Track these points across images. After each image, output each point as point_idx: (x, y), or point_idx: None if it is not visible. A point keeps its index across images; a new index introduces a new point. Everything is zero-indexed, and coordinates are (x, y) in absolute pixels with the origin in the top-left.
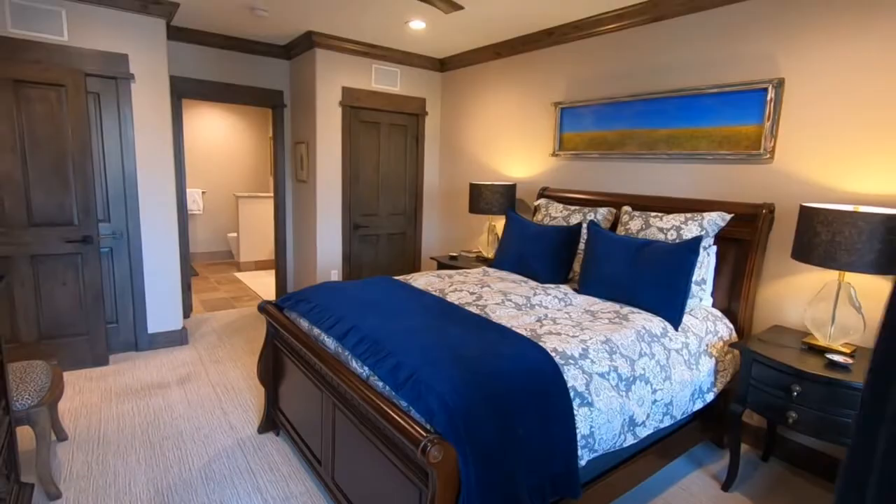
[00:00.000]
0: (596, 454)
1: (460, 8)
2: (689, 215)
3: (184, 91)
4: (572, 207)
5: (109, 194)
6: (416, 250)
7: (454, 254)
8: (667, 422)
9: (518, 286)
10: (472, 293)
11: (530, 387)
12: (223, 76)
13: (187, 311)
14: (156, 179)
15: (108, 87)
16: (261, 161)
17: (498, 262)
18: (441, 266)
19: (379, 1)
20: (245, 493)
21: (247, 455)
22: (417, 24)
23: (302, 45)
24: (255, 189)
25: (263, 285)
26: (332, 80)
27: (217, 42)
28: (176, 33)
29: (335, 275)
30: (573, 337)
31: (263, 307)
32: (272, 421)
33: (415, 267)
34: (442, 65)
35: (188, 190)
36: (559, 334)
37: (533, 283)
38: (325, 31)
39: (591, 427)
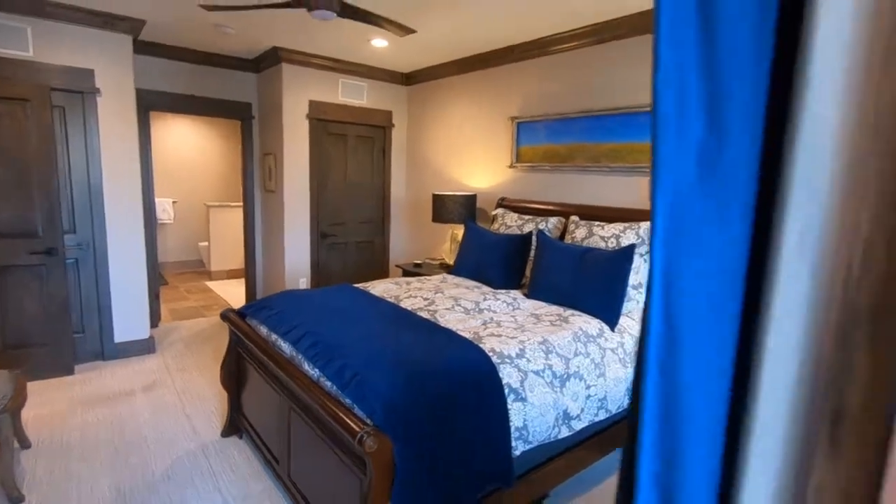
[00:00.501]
0: (531, 445)
1: (413, 31)
2: (627, 224)
3: (152, 104)
4: (526, 217)
5: (75, 206)
6: (384, 258)
7: (419, 261)
8: (602, 416)
9: (470, 292)
10: (425, 299)
11: (467, 384)
12: (191, 89)
13: (155, 320)
14: (122, 191)
15: (73, 101)
16: (232, 170)
17: (456, 270)
18: (406, 273)
19: (338, 23)
20: (206, 492)
21: (209, 458)
22: (379, 43)
23: (269, 60)
24: (227, 198)
25: (234, 294)
26: (299, 93)
27: (185, 56)
28: (143, 47)
29: (304, 283)
30: (512, 338)
31: (226, 315)
32: (235, 425)
33: (383, 274)
34: (407, 79)
35: (158, 199)
36: (500, 336)
37: (486, 289)
38: (291, 47)
39: (525, 420)
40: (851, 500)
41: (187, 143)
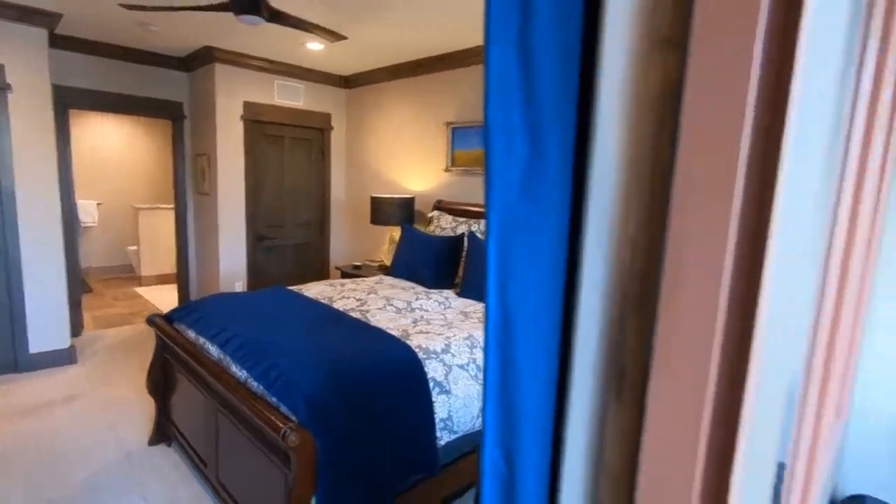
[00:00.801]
0: (456, 435)
1: (343, 38)
2: None
3: (72, 101)
4: (460, 219)
5: None
6: (323, 260)
7: (358, 263)
8: None
9: (404, 292)
10: (358, 300)
11: (392, 379)
12: (117, 86)
13: (77, 328)
14: (37, 192)
15: None
16: (162, 171)
17: (393, 271)
18: (345, 275)
19: (269, 26)
20: (130, 501)
21: (135, 466)
22: (315, 46)
23: (201, 59)
24: (157, 200)
25: (166, 300)
26: (233, 94)
27: (109, 52)
28: (62, 42)
29: (239, 286)
30: (439, 335)
31: (152, 320)
32: (163, 432)
33: (323, 276)
34: (346, 82)
35: (81, 201)
36: (427, 333)
37: (420, 289)
38: (223, 47)
39: (450, 411)
40: (629, 434)
41: (113, 143)
